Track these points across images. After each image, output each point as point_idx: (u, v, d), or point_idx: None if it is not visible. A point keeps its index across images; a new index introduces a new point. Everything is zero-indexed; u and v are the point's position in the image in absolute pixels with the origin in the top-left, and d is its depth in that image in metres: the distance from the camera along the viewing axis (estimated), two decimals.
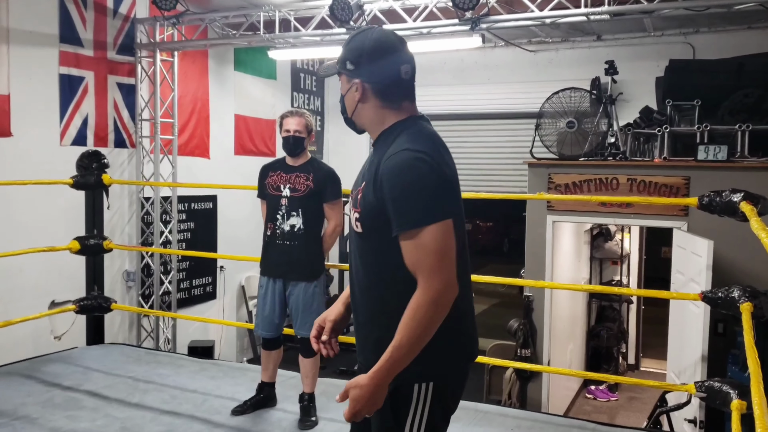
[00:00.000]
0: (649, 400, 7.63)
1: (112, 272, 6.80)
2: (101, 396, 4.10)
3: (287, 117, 3.80)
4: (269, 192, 3.77)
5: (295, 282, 3.71)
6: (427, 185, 1.73)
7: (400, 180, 1.74)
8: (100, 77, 6.70)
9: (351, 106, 1.94)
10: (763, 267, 4.81)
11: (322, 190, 3.74)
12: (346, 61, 1.90)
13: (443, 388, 1.85)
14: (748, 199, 3.08)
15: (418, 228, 1.72)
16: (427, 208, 1.72)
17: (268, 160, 4.10)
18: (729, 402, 3.04)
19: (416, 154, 1.75)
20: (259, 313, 3.84)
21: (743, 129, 6.00)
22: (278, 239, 3.71)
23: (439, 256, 1.71)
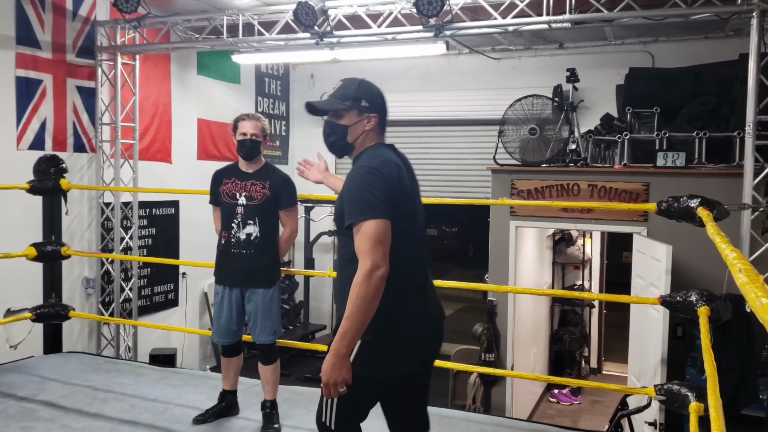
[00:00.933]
0: (611, 403, 7.74)
1: (71, 279, 6.65)
2: (58, 406, 4.00)
3: (243, 120, 3.72)
4: (224, 200, 3.69)
5: (253, 289, 3.66)
6: (369, 191, 2.25)
7: (352, 186, 2.31)
8: (58, 80, 6.56)
9: (357, 133, 2.47)
10: (720, 271, 4.91)
11: (279, 197, 3.70)
12: (361, 99, 2.46)
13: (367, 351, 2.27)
14: (705, 204, 3.15)
15: (360, 221, 2.22)
16: (368, 207, 2.23)
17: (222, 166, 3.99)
18: (687, 404, 3.09)
19: (367, 168, 2.32)
20: (215, 321, 3.77)
21: (701, 136, 6.14)
22: (233, 248, 3.64)
23: (371, 243, 2.19)
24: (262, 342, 3.69)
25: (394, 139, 8.37)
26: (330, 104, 2.49)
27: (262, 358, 3.73)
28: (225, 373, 3.86)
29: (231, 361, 3.82)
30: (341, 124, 2.47)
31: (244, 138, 3.67)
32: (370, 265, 2.16)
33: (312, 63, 9.56)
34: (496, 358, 6.76)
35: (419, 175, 2.61)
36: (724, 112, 6.34)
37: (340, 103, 2.46)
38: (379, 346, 2.29)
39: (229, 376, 3.84)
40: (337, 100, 2.47)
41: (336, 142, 2.50)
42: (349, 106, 2.45)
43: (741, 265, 1.24)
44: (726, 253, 1.58)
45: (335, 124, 2.48)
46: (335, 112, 2.48)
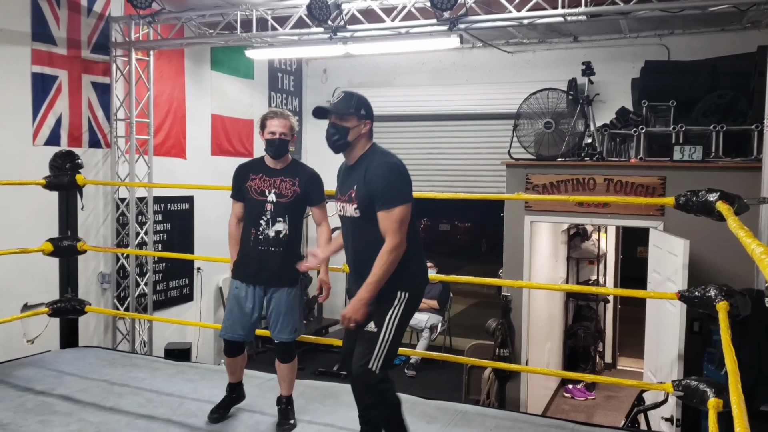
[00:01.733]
0: (625, 398, 7.70)
1: (86, 274, 6.70)
2: (75, 400, 4.03)
3: (272, 118, 3.63)
4: (252, 196, 3.61)
5: (277, 287, 3.61)
6: (399, 182, 2.94)
7: (383, 177, 2.92)
8: (74, 76, 6.60)
9: (355, 135, 3.04)
10: (739, 266, 4.88)
11: (309, 194, 3.65)
12: (360, 108, 3.04)
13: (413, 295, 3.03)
14: (724, 198, 3.11)
15: (392, 207, 2.87)
16: (399, 195, 2.90)
17: (245, 161, 3.98)
18: (706, 400, 3.06)
19: (393, 164, 2.98)
20: (232, 317, 3.64)
21: (717, 130, 6.08)
22: (261, 245, 3.57)
23: (398, 225, 2.87)
24: (282, 340, 3.65)
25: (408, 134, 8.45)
26: (338, 108, 3.02)
27: (280, 356, 3.70)
28: (231, 370, 3.80)
29: (236, 360, 3.76)
30: (344, 126, 3.02)
31: (273, 137, 3.59)
32: (397, 241, 2.85)
33: (325, 58, 9.55)
34: (511, 353, 6.74)
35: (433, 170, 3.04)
36: (742, 105, 6.27)
37: (346, 109, 3.01)
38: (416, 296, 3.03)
39: (235, 372, 3.81)
40: (342, 107, 3.02)
41: (338, 141, 3.04)
42: (352, 112, 3.01)
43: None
44: (753, 248, 1.56)
45: (339, 125, 3.02)
46: (339, 116, 3.02)
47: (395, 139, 9.71)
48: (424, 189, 9.24)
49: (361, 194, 2.95)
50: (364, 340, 2.94)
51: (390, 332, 2.92)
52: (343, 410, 3.92)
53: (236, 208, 3.74)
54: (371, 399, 3.01)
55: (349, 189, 3.01)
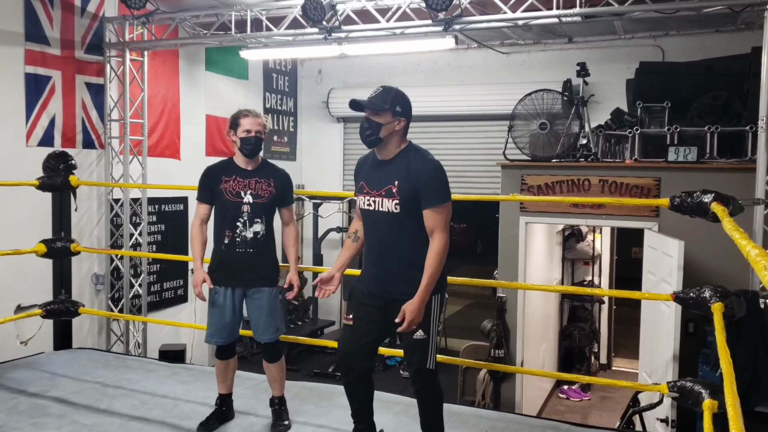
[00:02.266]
0: (621, 399, 7.70)
1: (80, 275, 6.67)
2: (68, 402, 4.01)
3: (246, 116, 3.61)
4: (227, 198, 3.57)
5: (258, 288, 3.59)
6: (445, 181, 3.02)
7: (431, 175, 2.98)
8: (67, 77, 6.57)
9: (388, 132, 3.02)
10: (733, 267, 4.88)
11: (284, 194, 3.66)
12: (396, 104, 3.01)
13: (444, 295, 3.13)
14: (719, 200, 3.11)
15: (442, 204, 2.96)
16: (446, 194, 3.00)
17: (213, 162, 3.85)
18: (701, 402, 3.06)
19: (437, 163, 3.03)
20: (214, 322, 3.61)
21: (712, 131, 6.09)
22: (239, 247, 3.55)
23: (446, 222, 2.98)
24: (266, 341, 3.64)
25: None
26: (372, 104, 2.99)
27: (267, 357, 3.69)
28: (222, 377, 3.75)
29: (228, 363, 3.72)
30: (377, 122, 2.99)
31: (249, 135, 3.57)
32: (446, 239, 2.95)
33: (320, 58, 9.54)
34: (506, 354, 6.74)
35: None
36: (736, 107, 6.28)
37: (381, 104, 2.97)
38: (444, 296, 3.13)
39: (227, 379, 3.75)
40: (378, 102, 2.98)
41: (370, 135, 3.01)
42: (387, 108, 2.98)
43: (766, 263, 1.21)
44: (748, 250, 1.55)
45: (372, 120, 3.00)
46: (374, 111, 2.99)
47: None
48: None
49: (405, 190, 2.95)
50: (417, 347, 3.03)
51: (435, 334, 3.05)
52: (338, 411, 3.91)
53: (202, 210, 3.67)
54: (429, 391, 3.15)
55: (387, 184, 2.99)
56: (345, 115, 9.84)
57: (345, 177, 10.04)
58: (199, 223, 3.67)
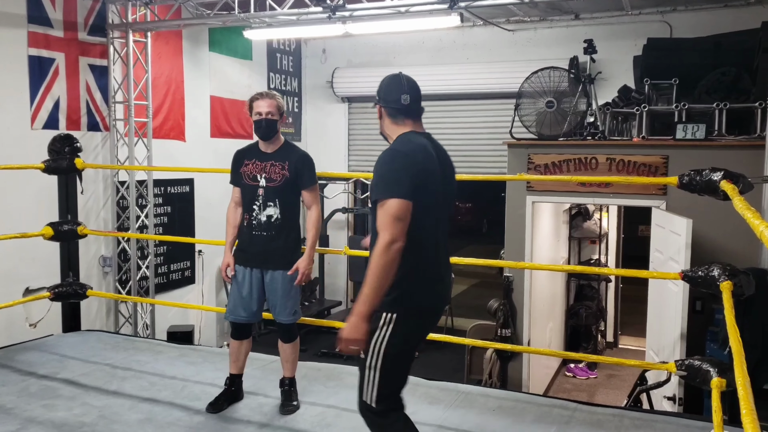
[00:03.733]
0: (627, 377, 7.73)
1: (88, 258, 6.69)
2: (78, 384, 4.04)
3: (257, 99, 3.62)
4: (245, 181, 3.63)
5: (273, 271, 3.62)
6: (393, 172, 2.49)
7: (379, 167, 2.54)
8: (71, 59, 6.54)
9: (382, 125, 2.79)
10: (742, 245, 4.86)
11: (299, 176, 3.64)
12: (378, 94, 2.77)
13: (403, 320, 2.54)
14: (729, 177, 3.08)
15: (384, 199, 2.45)
16: (391, 187, 2.46)
17: (246, 143, 3.94)
18: (709, 380, 3.06)
19: (393, 152, 2.57)
20: (234, 298, 3.71)
21: (720, 108, 6.03)
22: (255, 230, 3.61)
23: (390, 218, 2.42)
24: (282, 322, 3.68)
25: None
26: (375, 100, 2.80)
27: (282, 336, 3.73)
28: (235, 356, 3.79)
29: (242, 343, 3.77)
30: (378, 118, 2.80)
31: (260, 118, 3.59)
32: (389, 238, 2.40)
33: (324, 38, 9.47)
34: (513, 334, 6.75)
35: None
36: (745, 83, 6.21)
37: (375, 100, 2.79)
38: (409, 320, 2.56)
39: (239, 359, 3.79)
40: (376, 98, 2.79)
41: (381, 133, 2.83)
42: (375, 102, 2.78)
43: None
44: (761, 230, 1.53)
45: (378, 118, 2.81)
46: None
47: None
48: None
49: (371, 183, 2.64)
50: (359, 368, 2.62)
51: (377, 358, 2.53)
52: (346, 392, 3.93)
53: (235, 193, 3.76)
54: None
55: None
56: (350, 94, 9.79)
57: (350, 157, 10.01)
58: (233, 206, 3.76)
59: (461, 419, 3.59)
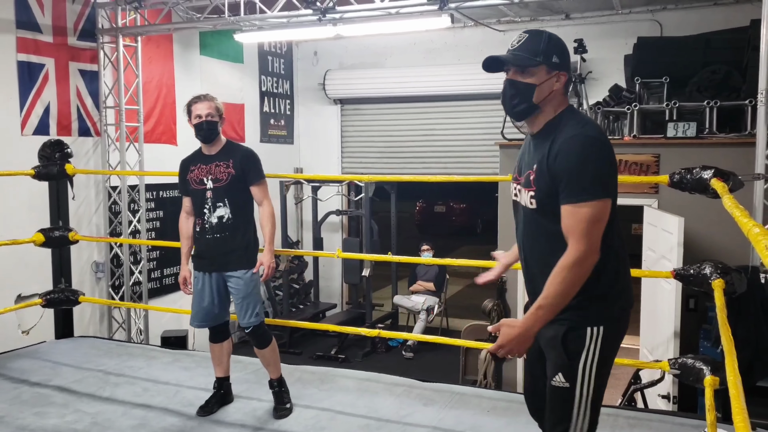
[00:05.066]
0: (621, 375, 7.71)
1: (80, 263, 6.67)
2: (71, 391, 4.01)
3: (196, 102, 3.59)
4: (193, 187, 3.59)
5: (232, 272, 3.60)
6: (596, 166, 2.03)
7: (575, 158, 2.03)
8: (61, 64, 6.52)
9: (544, 93, 2.15)
10: (734, 243, 4.86)
11: (245, 173, 3.61)
12: (552, 54, 2.15)
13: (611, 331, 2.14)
14: (719, 176, 3.09)
15: (583, 201, 2.01)
16: (594, 185, 2.02)
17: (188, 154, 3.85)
18: (702, 378, 3.06)
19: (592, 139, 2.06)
20: (194, 306, 3.70)
21: (711, 105, 6.04)
22: (208, 233, 3.57)
23: (589, 225, 2.01)
24: (244, 325, 3.64)
25: (401, 115, 8.36)
26: (519, 59, 2.16)
27: (254, 343, 3.68)
28: (217, 360, 3.78)
29: (222, 346, 3.76)
30: (528, 83, 2.15)
31: (200, 120, 3.55)
32: (584, 249, 2.01)
33: (315, 40, 9.46)
34: None
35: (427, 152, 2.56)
36: (735, 80, 6.23)
37: (530, 58, 2.15)
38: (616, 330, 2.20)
39: (222, 362, 3.78)
40: (526, 54, 2.16)
41: (519, 104, 2.19)
42: (540, 62, 2.14)
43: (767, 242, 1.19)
44: (749, 228, 1.53)
45: (520, 82, 2.17)
46: (521, 69, 2.16)
47: (388, 120, 9.68)
48: (419, 171, 9.27)
49: (542, 178, 2.12)
50: (556, 398, 2.19)
51: (589, 387, 2.14)
52: (340, 395, 3.92)
53: (186, 203, 3.73)
54: None
55: (528, 168, 2.21)
56: (342, 96, 9.79)
57: (343, 159, 10.01)
58: (185, 217, 3.75)
59: (456, 420, 3.58)
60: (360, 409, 3.72)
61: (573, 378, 2.11)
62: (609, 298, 2.14)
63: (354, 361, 8.06)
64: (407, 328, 9.27)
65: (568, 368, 2.12)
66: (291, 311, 8.90)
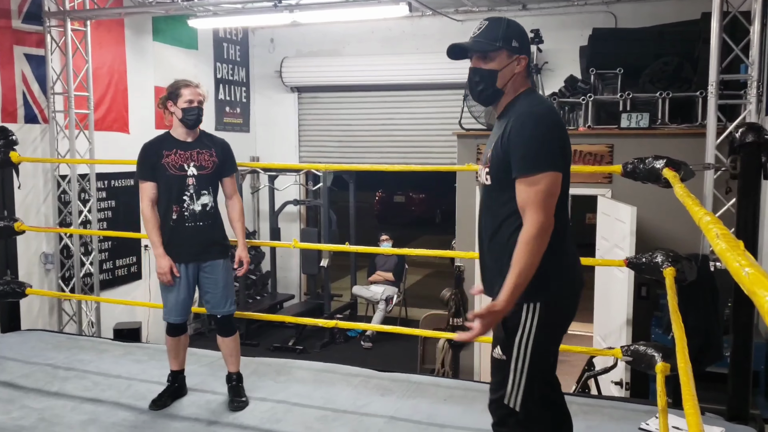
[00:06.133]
0: (576, 362, 7.83)
1: (28, 255, 6.47)
2: (17, 386, 3.88)
3: (187, 86, 3.52)
4: (169, 172, 3.47)
5: (211, 261, 3.54)
6: (547, 140, 2.13)
7: (527, 134, 2.12)
8: (4, 47, 6.28)
9: (506, 78, 2.26)
10: (685, 231, 4.97)
11: (224, 163, 3.58)
12: (512, 39, 2.25)
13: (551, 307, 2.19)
14: (671, 165, 3.13)
15: (536, 173, 2.09)
16: (546, 158, 2.10)
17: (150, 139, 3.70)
18: (654, 365, 3.11)
19: (540, 116, 2.16)
20: (170, 300, 3.56)
21: (664, 96, 6.15)
22: (188, 221, 3.47)
23: (545, 196, 2.09)
24: (224, 314, 3.60)
25: (359, 104, 8.31)
26: (480, 45, 2.27)
27: (222, 331, 3.63)
28: (174, 353, 3.70)
29: (180, 339, 3.67)
30: (490, 69, 2.26)
31: (191, 106, 3.49)
32: (545, 219, 2.08)
33: (272, 27, 9.32)
34: (464, 322, 6.79)
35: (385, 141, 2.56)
36: (687, 72, 6.35)
37: (491, 43, 2.25)
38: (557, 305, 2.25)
39: (179, 355, 3.71)
40: (487, 41, 2.26)
41: (484, 90, 2.29)
42: (500, 47, 2.24)
43: (718, 231, 1.20)
44: (700, 216, 1.55)
45: (483, 69, 2.27)
46: (483, 55, 2.27)
47: (346, 109, 9.62)
48: (378, 160, 9.23)
49: (497, 155, 2.22)
50: (495, 369, 2.31)
51: (524, 361, 2.20)
52: (297, 386, 3.88)
53: (149, 189, 3.52)
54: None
55: (489, 148, 2.31)
56: (299, 84, 9.69)
57: (301, 148, 9.91)
58: (150, 205, 3.53)
59: (412, 410, 3.58)
60: (316, 400, 3.69)
61: (509, 352, 2.21)
62: (547, 275, 2.14)
63: (312, 352, 8.02)
64: (366, 318, 9.26)
65: (505, 342, 2.22)
66: (248, 302, 8.80)
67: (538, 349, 2.19)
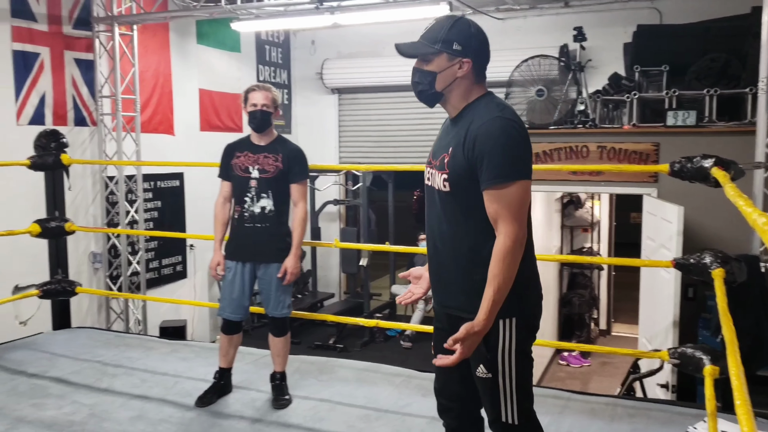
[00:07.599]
0: (620, 364, 7.74)
1: (77, 254, 6.64)
2: (68, 382, 4.00)
3: (253, 91, 3.63)
4: (236, 173, 3.61)
5: (266, 263, 3.61)
6: (516, 147, 2.05)
7: (494, 140, 2.03)
8: (56, 53, 6.45)
9: (447, 81, 2.18)
10: (734, 232, 4.86)
11: (291, 169, 3.63)
12: (453, 42, 2.14)
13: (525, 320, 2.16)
14: (720, 164, 3.06)
15: (509, 182, 2.01)
16: (516, 166, 2.03)
17: (236, 136, 3.93)
18: (702, 368, 3.05)
19: (508, 121, 2.08)
20: (225, 296, 3.70)
21: (711, 94, 6.02)
22: (247, 222, 3.58)
23: (519, 206, 2.03)
24: (275, 316, 3.66)
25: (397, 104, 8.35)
26: (416, 48, 2.21)
27: (274, 331, 3.70)
28: (225, 351, 3.78)
29: (232, 338, 3.76)
30: (428, 71, 2.19)
31: (255, 109, 3.59)
32: (519, 230, 2.02)
33: (313, 29, 9.39)
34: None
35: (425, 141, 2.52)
36: (735, 68, 6.20)
37: (429, 46, 2.18)
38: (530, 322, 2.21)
39: (228, 354, 3.79)
40: (426, 43, 2.19)
41: (423, 91, 2.24)
42: (438, 49, 2.16)
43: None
44: (754, 218, 1.51)
45: (422, 70, 2.21)
46: (423, 57, 2.20)
47: (385, 109, 9.63)
48: (416, 160, 9.22)
49: (457, 161, 2.12)
50: (484, 389, 2.21)
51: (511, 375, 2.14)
52: (339, 385, 3.91)
53: (224, 187, 3.72)
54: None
55: (443, 152, 2.20)
56: (339, 86, 9.73)
57: (341, 149, 9.96)
58: (222, 201, 3.72)
59: None
60: (359, 399, 3.71)
61: (494, 369, 2.14)
62: (522, 286, 2.10)
63: (352, 350, 8.05)
64: (405, 317, 9.26)
65: (488, 360, 2.14)
66: None
67: (522, 362, 2.16)
